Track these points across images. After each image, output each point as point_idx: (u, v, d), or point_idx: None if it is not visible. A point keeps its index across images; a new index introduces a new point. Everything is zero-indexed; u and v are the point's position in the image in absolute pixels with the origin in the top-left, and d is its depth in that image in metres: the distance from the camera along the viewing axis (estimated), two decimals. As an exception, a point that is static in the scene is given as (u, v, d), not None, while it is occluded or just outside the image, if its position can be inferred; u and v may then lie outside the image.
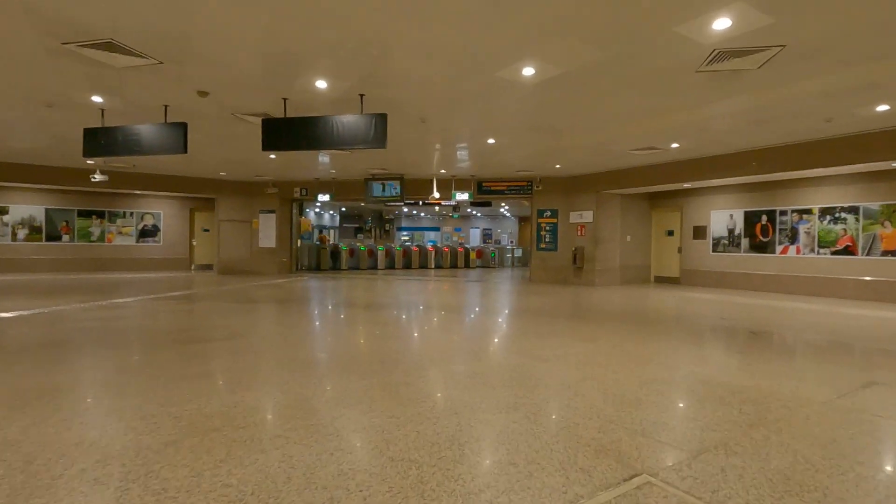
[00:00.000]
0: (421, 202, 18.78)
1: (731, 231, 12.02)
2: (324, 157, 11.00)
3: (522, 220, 29.29)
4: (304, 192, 14.59)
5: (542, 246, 13.16)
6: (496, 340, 5.39)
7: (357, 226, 26.30)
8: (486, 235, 27.50)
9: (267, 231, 15.02)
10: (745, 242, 11.75)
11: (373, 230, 26.75)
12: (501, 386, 3.65)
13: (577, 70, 5.19)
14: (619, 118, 7.07)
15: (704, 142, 8.60)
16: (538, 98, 6.17)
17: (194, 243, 16.85)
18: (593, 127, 7.62)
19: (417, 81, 5.65)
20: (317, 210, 27.95)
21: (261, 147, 6.34)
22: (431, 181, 13.12)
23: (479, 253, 21.40)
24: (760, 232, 11.45)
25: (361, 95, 6.10)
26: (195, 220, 16.83)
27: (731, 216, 11.99)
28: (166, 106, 6.66)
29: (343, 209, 26.22)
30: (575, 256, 12.49)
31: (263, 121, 6.31)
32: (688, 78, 5.34)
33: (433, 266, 19.85)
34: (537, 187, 12.68)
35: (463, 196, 13.04)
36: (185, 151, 6.55)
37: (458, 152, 9.99)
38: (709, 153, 9.69)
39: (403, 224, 31.08)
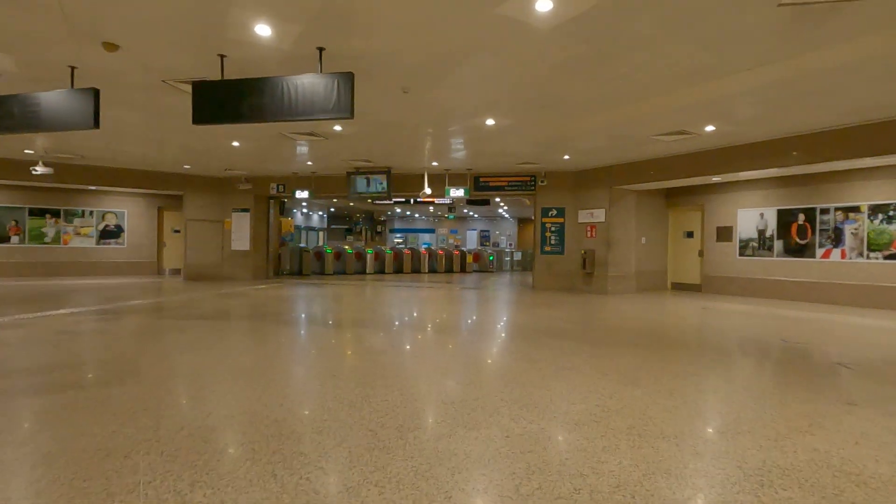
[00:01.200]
0: (412, 200, 17.35)
1: (761, 232, 10.58)
2: (301, 147, 9.53)
3: (522, 222, 27.85)
4: (280, 189, 13.11)
5: (547, 249, 11.70)
6: (497, 385, 3.90)
7: (347, 227, 24.81)
8: (484, 237, 26.03)
9: (240, 232, 13.52)
10: (778, 245, 10.31)
11: (363, 232, 25.26)
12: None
13: (610, 4, 3.74)
14: (651, 86, 5.62)
15: (745, 123, 7.16)
16: (552, 55, 4.71)
17: (165, 244, 15.33)
18: (616, 100, 6.16)
19: (392, 26, 4.18)
20: (304, 211, 26.48)
21: (205, 127, 4.84)
22: (423, 176, 11.65)
23: (476, 256, 19.94)
24: (797, 233, 10.02)
25: (320, 50, 4.63)
26: (164, 219, 15.30)
27: (762, 215, 10.55)
28: (73, 68, 5.17)
29: (332, 209, 24.75)
30: (584, 261, 11.04)
31: (194, 84, 4.83)
32: (764, 17, 3.88)
33: (427, 270, 18.38)
34: (542, 182, 11.22)
35: (458, 192, 11.58)
36: (96, 126, 5.05)
37: (451, 140, 8.53)
38: (744, 139, 8.25)
39: (396, 226, 29.61)
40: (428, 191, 11.37)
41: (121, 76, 5.44)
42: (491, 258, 20.12)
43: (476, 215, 26.81)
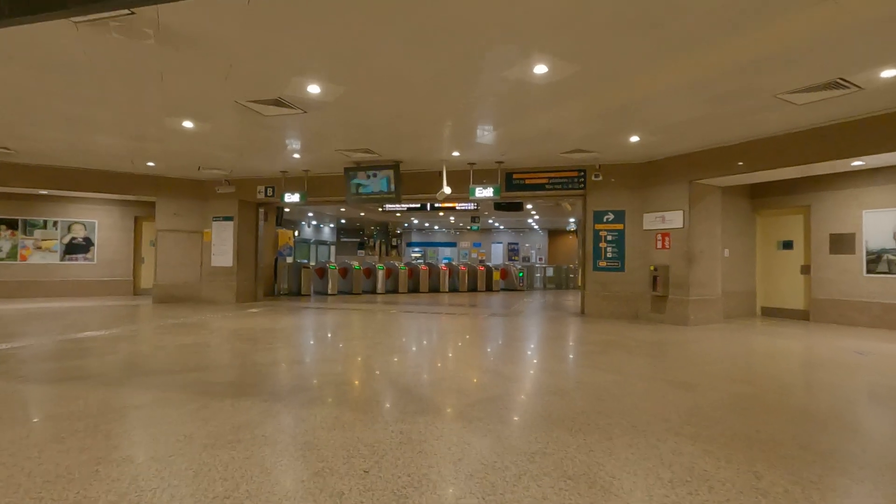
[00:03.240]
0: (428, 206, 14.87)
1: (902, 240, 7.77)
2: (275, 130, 7.21)
3: (553, 234, 25.12)
4: (269, 192, 10.82)
5: (602, 264, 9.03)
6: None
7: (359, 241, 22.51)
8: (512, 251, 23.32)
9: (222, 245, 11.24)
10: (930, 258, 7.47)
11: (377, 246, 22.92)
12: None
13: None
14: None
15: (951, 64, 4.48)
16: None
17: (143, 260, 13.18)
18: (746, 17, 3.59)
19: None
20: (313, 223, 24.38)
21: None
22: (440, 172, 9.18)
23: (504, 273, 17.33)
24: (962, 241, 7.17)
25: None
26: (142, 231, 13.19)
27: (904, 217, 7.75)
28: None
29: (342, 221, 22.51)
30: (655, 280, 8.34)
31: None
32: None
33: (447, 289, 15.83)
34: (595, 178, 8.61)
35: (486, 192, 9.06)
36: None
37: (478, 112, 6.05)
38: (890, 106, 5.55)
39: (414, 239, 27.23)
40: (447, 190, 8.89)
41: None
42: (521, 274, 17.48)
43: (502, 226, 24.22)
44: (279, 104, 5.76)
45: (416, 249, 27.52)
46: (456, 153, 8.34)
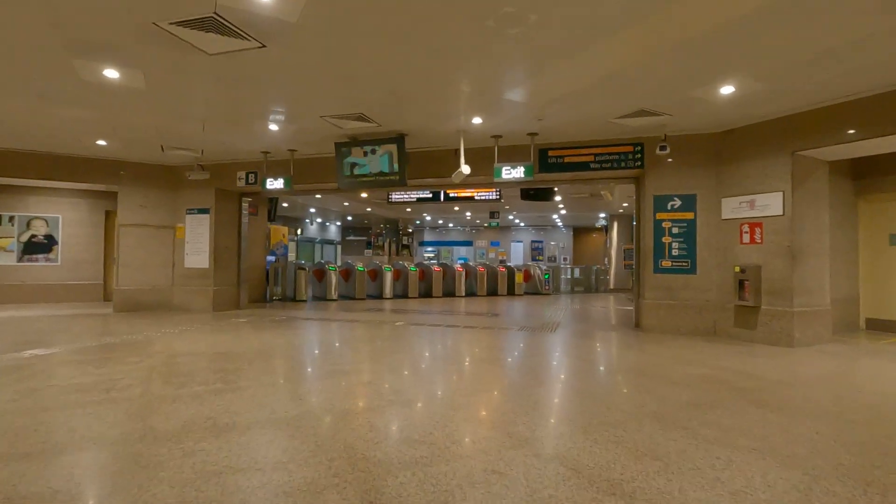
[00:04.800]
0: (441, 195, 12.85)
1: None
2: (264, 106, 5.40)
3: (579, 232, 23.00)
4: (251, 179, 8.99)
5: (665, 265, 7.00)
6: None
7: (367, 240, 20.70)
8: (536, 250, 21.20)
9: (197, 242, 9.46)
10: None
11: (387, 245, 21.08)
12: None
13: None
14: None
15: None
16: None
17: (116, 260, 11.47)
18: None
19: None
20: (318, 221, 22.65)
21: None
22: (456, 152, 7.25)
23: (527, 274, 15.32)
24: None
25: None
26: (115, 228, 11.47)
27: None
28: None
29: (349, 218, 20.73)
30: (741, 284, 6.29)
31: None
32: None
33: (463, 292, 13.88)
34: (660, 149, 6.56)
35: (515, 172, 7.07)
36: None
37: (507, 42, 4.12)
38: None
39: (426, 238, 25.35)
40: (465, 170, 6.95)
41: None
42: (546, 276, 15.45)
43: (523, 223, 22.18)
44: (219, 27, 3.87)
45: (430, 249, 25.62)
46: (477, 119, 6.39)
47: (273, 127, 6.83)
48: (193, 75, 4.95)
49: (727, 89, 5.19)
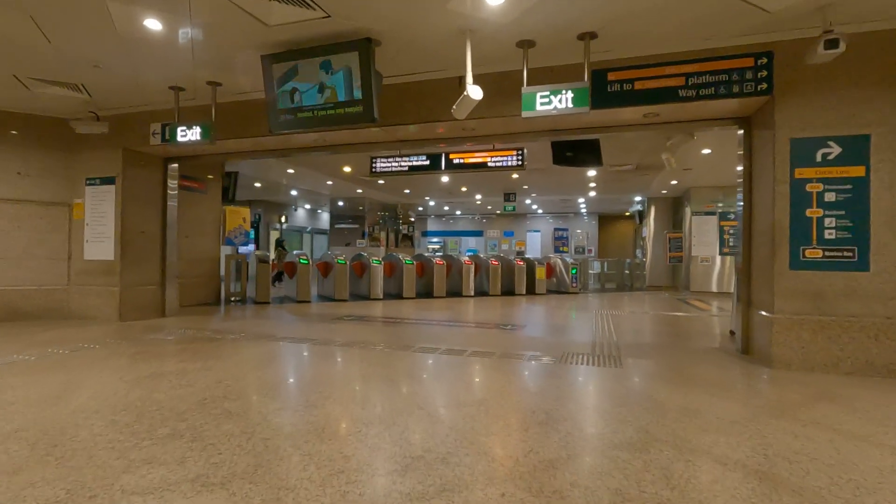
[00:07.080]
0: (443, 160, 9.62)
1: None
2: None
3: (604, 220, 20.10)
4: (166, 133, 6.24)
5: (812, 254, 4.16)
6: None
7: (361, 228, 17.98)
8: (559, 239, 18.21)
9: (100, 225, 6.79)
10: None
11: (385, 235, 18.34)
12: None
13: None
14: None
15: None
16: None
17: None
18: None
19: None
20: (307, 207, 19.99)
21: None
22: (460, 80, 4.46)
23: (549, 269, 12.50)
24: None
25: None
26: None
27: None
28: None
29: (340, 203, 18.00)
30: (981, 291, 3.47)
31: None
32: None
33: (471, 291, 11.11)
34: (826, 48, 3.73)
35: (558, 101, 4.24)
36: None
37: None
38: None
39: (430, 227, 22.60)
40: (474, 93, 4.13)
41: None
42: (574, 271, 12.61)
43: (541, 209, 19.29)
44: None
45: (435, 240, 22.87)
46: (495, 1, 3.59)
47: (184, 35, 4.05)
48: None
49: None
